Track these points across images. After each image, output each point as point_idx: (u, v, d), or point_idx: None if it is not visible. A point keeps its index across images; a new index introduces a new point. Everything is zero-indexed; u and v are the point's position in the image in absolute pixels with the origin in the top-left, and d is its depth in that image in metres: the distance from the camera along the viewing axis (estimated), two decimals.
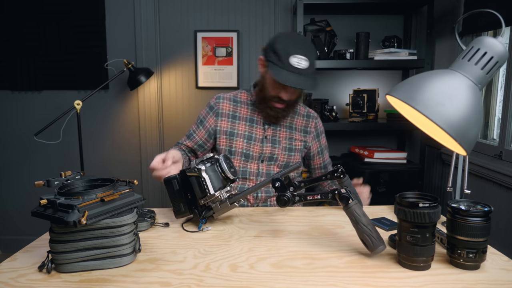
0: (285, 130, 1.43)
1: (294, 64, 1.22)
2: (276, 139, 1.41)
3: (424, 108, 0.71)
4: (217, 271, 0.79)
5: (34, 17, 2.55)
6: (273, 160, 1.41)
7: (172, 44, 2.60)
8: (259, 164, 1.40)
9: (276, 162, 1.41)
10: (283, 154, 1.41)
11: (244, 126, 1.41)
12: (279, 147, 1.40)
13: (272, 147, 1.40)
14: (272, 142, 1.40)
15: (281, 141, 1.41)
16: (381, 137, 2.71)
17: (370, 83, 2.64)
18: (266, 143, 1.40)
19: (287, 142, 1.42)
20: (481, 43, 0.74)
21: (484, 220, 0.77)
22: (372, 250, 0.83)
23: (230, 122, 1.42)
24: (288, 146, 1.42)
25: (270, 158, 1.40)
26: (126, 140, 2.71)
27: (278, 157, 1.41)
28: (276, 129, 1.42)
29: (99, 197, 0.78)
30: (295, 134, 1.44)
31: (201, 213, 1.05)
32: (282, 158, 1.41)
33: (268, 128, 1.41)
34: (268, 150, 1.40)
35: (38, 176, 2.72)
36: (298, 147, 1.44)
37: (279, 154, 1.40)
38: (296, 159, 1.44)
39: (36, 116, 2.65)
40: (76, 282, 0.75)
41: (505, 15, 1.28)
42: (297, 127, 1.46)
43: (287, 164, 1.42)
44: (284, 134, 1.42)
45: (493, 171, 1.76)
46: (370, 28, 2.46)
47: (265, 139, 1.41)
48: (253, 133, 1.41)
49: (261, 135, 1.41)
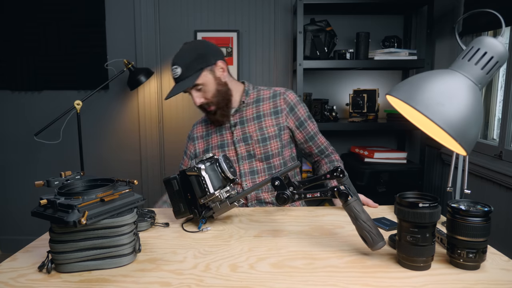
0: (253, 123, 1.41)
1: (173, 76, 1.34)
2: (247, 136, 1.40)
3: (424, 108, 0.71)
4: (217, 271, 0.79)
5: (34, 17, 2.55)
6: (251, 157, 1.39)
7: (172, 44, 2.60)
8: (240, 165, 1.38)
9: (255, 157, 1.39)
10: (258, 146, 1.38)
11: (216, 137, 1.44)
12: (251, 142, 1.38)
13: (246, 145, 1.39)
14: (244, 140, 1.39)
15: (252, 135, 1.39)
16: (381, 137, 2.71)
17: (370, 83, 2.64)
18: (238, 143, 1.40)
19: (258, 133, 1.39)
20: (481, 43, 0.74)
21: (484, 220, 0.77)
22: (372, 247, 0.83)
23: (204, 141, 1.47)
24: (260, 137, 1.38)
25: (248, 156, 1.39)
26: (126, 140, 2.71)
27: (255, 152, 1.38)
28: (244, 126, 1.41)
29: (99, 197, 0.78)
30: (265, 121, 1.40)
31: (201, 213, 1.05)
32: (259, 151, 1.38)
33: (235, 128, 1.41)
34: (243, 150, 1.39)
35: (38, 176, 2.72)
36: (272, 133, 1.39)
37: (254, 149, 1.38)
38: (275, 146, 1.39)
39: (36, 116, 2.65)
40: (76, 282, 0.75)
41: (505, 15, 1.28)
42: (265, 113, 1.42)
43: (268, 155, 1.38)
44: (253, 128, 1.40)
45: (493, 171, 1.76)
46: (370, 28, 2.46)
47: (236, 140, 1.40)
48: (224, 139, 1.42)
49: (231, 138, 1.41)
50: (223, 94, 1.38)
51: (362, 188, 2.23)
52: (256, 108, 1.43)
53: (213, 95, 1.36)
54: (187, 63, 1.32)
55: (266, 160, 1.38)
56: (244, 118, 1.42)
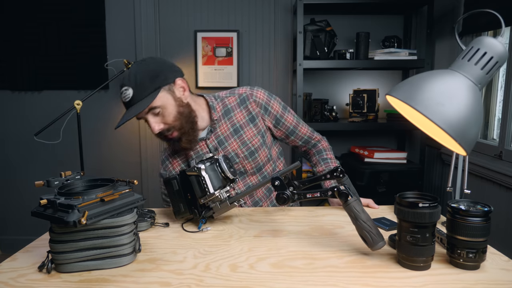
0: (233, 139, 1.27)
1: (123, 100, 1.15)
2: (232, 155, 1.27)
3: (424, 108, 0.71)
4: (217, 271, 0.79)
5: (34, 17, 2.55)
6: (243, 174, 1.29)
7: (172, 44, 2.60)
8: (235, 186, 1.28)
9: (247, 173, 1.29)
10: (248, 162, 1.27)
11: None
12: (239, 160, 1.27)
13: (235, 164, 1.27)
14: (232, 159, 1.27)
15: (237, 153, 1.27)
16: (381, 137, 2.71)
17: (370, 83, 2.64)
18: None
19: (243, 149, 1.26)
20: (481, 43, 0.74)
21: (484, 220, 0.77)
22: (372, 246, 0.83)
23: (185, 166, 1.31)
24: (247, 152, 1.27)
25: (240, 173, 1.29)
26: (126, 140, 2.71)
27: (246, 168, 1.28)
28: (225, 146, 1.27)
29: (99, 197, 0.78)
30: (245, 132, 1.27)
31: (201, 213, 1.05)
32: (249, 166, 1.28)
33: (217, 152, 1.27)
34: None
35: (38, 176, 2.72)
36: (257, 144, 1.27)
37: (244, 165, 1.28)
38: (264, 155, 1.29)
39: (36, 116, 2.65)
40: (76, 282, 0.75)
41: (505, 15, 1.28)
42: (241, 123, 1.27)
43: (259, 167, 1.29)
44: (235, 144, 1.27)
45: (493, 171, 1.76)
46: (370, 28, 2.46)
47: None
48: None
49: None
50: (186, 116, 1.19)
51: (362, 188, 2.23)
52: (229, 120, 1.27)
53: (175, 118, 1.17)
54: (139, 83, 1.12)
55: (258, 172, 1.30)
56: (221, 136, 1.27)
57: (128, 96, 1.13)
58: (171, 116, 1.17)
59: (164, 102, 1.15)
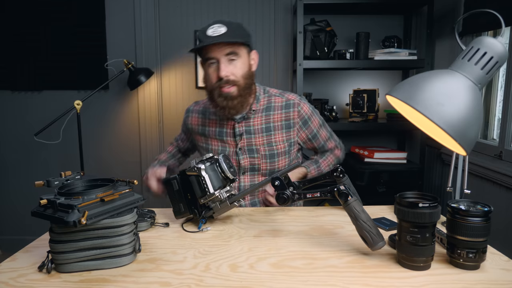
0: (261, 135, 1.28)
1: (210, 33, 1.16)
2: (253, 148, 1.27)
3: (424, 108, 0.71)
4: (217, 271, 0.79)
5: (34, 17, 2.55)
6: (255, 170, 1.29)
7: (172, 44, 2.60)
8: (241, 177, 1.29)
9: (259, 171, 1.29)
10: (265, 162, 1.27)
11: (216, 142, 1.32)
12: (258, 156, 1.27)
13: (251, 158, 1.28)
14: (249, 152, 1.27)
15: (259, 149, 1.27)
16: (381, 137, 2.71)
17: (370, 83, 2.64)
18: (242, 155, 1.28)
19: (266, 148, 1.27)
20: (481, 43, 0.74)
21: (484, 220, 0.77)
22: (372, 247, 0.83)
23: (203, 138, 1.36)
24: (268, 153, 1.27)
25: (251, 169, 1.28)
26: (126, 140, 2.71)
27: (260, 167, 1.28)
28: (250, 137, 1.28)
29: (99, 197, 0.78)
30: (275, 135, 1.28)
31: (201, 213, 1.05)
32: (264, 167, 1.28)
33: (241, 139, 1.28)
34: (246, 162, 1.28)
35: (38, 176, 2.72)
36: (281, 150, 1.28)
37: (260, 163, 1.28)
38: (283, 163, 1.30)
39: (36, 116, 2.65)
40: (76, 282, 0.75)
41: (505, 15, 1.28)
42: (276, 125, 1.28)
43: (272, 172, 1.28)
44: (261, 140, 1.27)
45: (493, 171, 1.76)
46: (370, 28, 2.46)
47: (239, 151, 1.28)
48: (226, 147, 1.30)
49: (234, 147, 1.29)
50: (249, 83, 1.23)
51: (362, 188, 2.23)
52: (266, 117, 1.29)
53: (242, 76, 1.20)
54: (235, 27, 1.18)
55: (270, 175, 1.26)
56: (252, 127, 1.28)
57: (219, 32, 1.15)
58: (241, 71, 1.20)
59: (243, 55, 1.21)
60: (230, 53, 1.17)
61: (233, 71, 1.19)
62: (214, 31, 1.15)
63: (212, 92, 1.23)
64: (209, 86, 1.23)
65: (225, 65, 1.18)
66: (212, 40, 1.14)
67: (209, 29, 1.17)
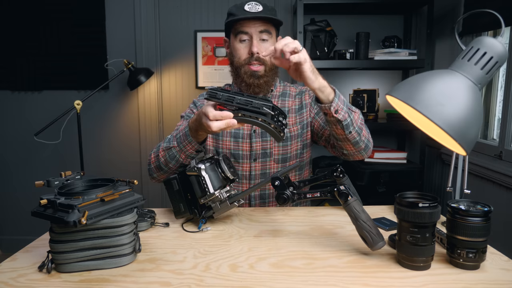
0: None
1: (247, 9, 1.20)
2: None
3: (424, 108, 0.71)
4: (217, 271, 0.79)
5: (34, 17, 2.55)
6: (267, 156, 1.29)
7: (172, 44, 2.60)
8: (251, 164, 1.29)
9: (271, 157, 1.29)
10: (277, 146, 1.28)
11: None
12: (270, 139, 1.28)
13: (263, 142, 1.28)
14: (262, 136, 1.28)
15: None
16: (381, 137, 2.71)
17: (370, 83, 2.64)
18: (255, 138, 1.28)
19: None
20: (481, 43, 0.74)
21: (484, 220, 0.77)
22: (372, 247, 0.83)
23: None
24: None
25: (263, 154, 1.28)
26: (126, 140, 2.71)
27: (272, 151, 1.28)
28: None
29: (99, 197, 0.78)
30: (289, 118, 1.31)
31: (201, 213, 1.05)
32: (276, 151, 1.28)
33: None
34: (258, 146, 1.28)
35: (38, 176, 2.72)
36: (294, 133, 1.30)
37: (272, 147, 1.28)
38: (295, 147, 1.30)
39: (36, 116, 2.65)
40: (76, 282, 0.75)
41: (505, 15, 1.28)
42: (290, 109, 1.33)
43: (285, 157, 1.29)
44: None
45: (493, 171, 1.76)
46: (370, 28, 2.46)
47: (253, 133, 1.28)
48: (240, 129, 1.30)
49: (249, 129, 1.29)
50: (275, 65, 1.26)
51: (362, 188, 2.23)
52: (281, 102, 1.34)
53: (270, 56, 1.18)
54: (270, 8, 1.23)
55: (282, 162, 1.29)
56: None
57: (257, 9, 1.20)
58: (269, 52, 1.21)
59: (274, 37, 1.26)
60: (263, 31, 1.22)
61: (262, 48, 1.23)
62: (251, 7, 1.20)
63: (239, 69, 1.26)
64: (236, 63, 1.27)
65: (257, 43, 1.22)
66: (251, 14, 1.18)
67: (246, 5, 1.21)
